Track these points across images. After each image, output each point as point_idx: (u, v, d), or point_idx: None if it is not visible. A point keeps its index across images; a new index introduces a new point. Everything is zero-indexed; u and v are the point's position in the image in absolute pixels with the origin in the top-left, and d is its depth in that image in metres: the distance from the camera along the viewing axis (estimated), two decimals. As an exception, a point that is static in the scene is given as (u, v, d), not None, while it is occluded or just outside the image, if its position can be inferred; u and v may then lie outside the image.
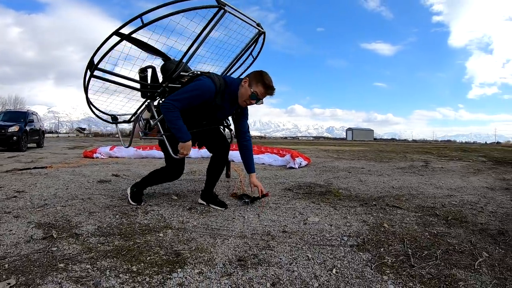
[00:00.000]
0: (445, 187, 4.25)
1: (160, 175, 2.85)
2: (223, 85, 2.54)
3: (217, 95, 2.48)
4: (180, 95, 2.41)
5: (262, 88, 2.50)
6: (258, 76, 2.49)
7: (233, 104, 2.66)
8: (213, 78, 2.50)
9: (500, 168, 7.62)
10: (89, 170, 5.21)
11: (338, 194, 3.51)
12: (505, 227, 2.46)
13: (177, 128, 2.39)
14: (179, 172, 2.77)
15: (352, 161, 8.21)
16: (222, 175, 3.01)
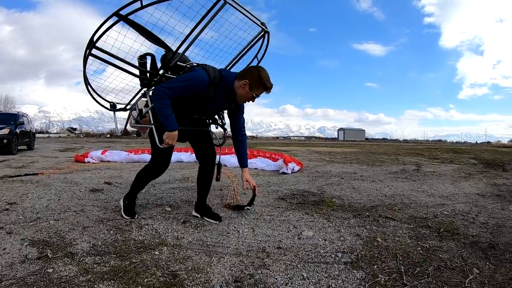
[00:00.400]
0: (437, 195, 4.30)
1: (146, 172, 2.83)
2: (218, 77, 2.51)
3: (211, 86, 2.46)
4: (173, 83, 2.39)
5: (263, 90, 2.54)
6: (259, 79, 2.47)
7: (227, 98, 2.64)
8: (207, 69, 2.48)
9: (491, 171, 7.73)
10: (81, 176, 5.17)
11: (331, 204, 3.54)
12: (495, 239, 2.51)
13: (165, 116, 2.36)
14: (163, 165, 2.74)
15: (344, 165, 8.25)
16: (214, 182, 3.02)
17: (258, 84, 2.48)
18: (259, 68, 2.54)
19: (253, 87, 2.49)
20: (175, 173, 5.51)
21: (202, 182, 2.90)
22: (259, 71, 2.49)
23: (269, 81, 2.51)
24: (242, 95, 2.54)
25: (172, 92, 2.35)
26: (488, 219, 3.10)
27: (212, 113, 2.78)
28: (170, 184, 4.54)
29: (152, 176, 2.86)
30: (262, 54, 3.34)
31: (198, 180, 2.92)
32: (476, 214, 3.30)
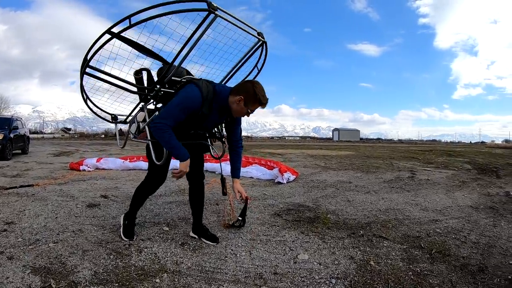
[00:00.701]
0: (431, 208, 4.38)
1: (143, 189, 2.84)
2: (211, 93, 2.49)
3: (204, 103, 2.45)
4: (168, 112, 2.39)
5: (258, 106, 2.52)
6: (253, 95, 2.44)
7: (222, 114, 2.64)
8: (200, 86, 2.45)
9: (485, 178, 7.86)
10: (76, 188, 5.19)
11: (326, 221, 3.60)
12: (485, 261, 2.58)
13: (174, 148, 2.40)
14: (160, 180, 2.77)
15: (339, 172, 8.33)
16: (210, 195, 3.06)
17: (253, 100, 2.46)
18: (254, 83, 2.51)
19: (248, 103, 2.47)
20: (170, 183, 5.54)
21: (194, 203, 2.95)
22: (254, 86, 2.46)
23: (264, 97, 2.48)
24: (236, 110, 2.53)
25: (171, 121, 2.37)
26: (480, 238, 3.17)
27: (208, 128, 2.80)
28: (166, 198, 4.57)
29: (149, 192, 2.88)
30: (262, 64, 3.33)
31: (190, 201, 2.97)
32: (468, 232, 3.37)
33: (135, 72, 2.78)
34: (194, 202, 2.94)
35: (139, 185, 2.89)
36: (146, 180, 2.81)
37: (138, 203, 2.94)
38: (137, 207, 2.96)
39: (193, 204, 2.95)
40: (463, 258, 2.64)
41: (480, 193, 5.71)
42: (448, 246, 2.93)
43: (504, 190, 6.04)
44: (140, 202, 2.94)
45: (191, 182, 2.92)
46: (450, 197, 5.30)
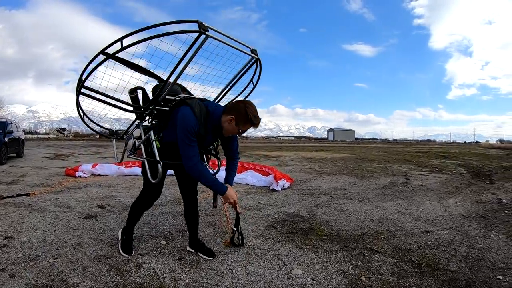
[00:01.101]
0: (423, 218, 4.48)
1: (139, 204, 2.91)
2: (205, 113, 2.54)
3: (200, 125, 2.50)
4: (184, 149, 2.44)
5: (249, 126, 2.54)
6: (245, 115, 2.46)
7: (216, 133, 2.68)
8: (193, 107, 2.49)
9: (478, 183, 7.99)
10: (73, 197, 5.23)
11: (320, 233, 3.68)
12: (473, 276, 2.67)
13: (210, 185, 2.56)
14: (155, 195, 2.85)
15: (334, 178, 8.43)
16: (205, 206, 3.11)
17: (245, 120, 2.49)
18: (246, 103, 2.54)
19: (239, 123, 2.50)
20: (166, 191, 5.60)
21: (189, 219, 3.02)
22: (246, 107, 2.49)
23: (256, 117, 2.51)
24: (228, 129, 2.57)
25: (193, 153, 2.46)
26: (469, 251, 3.25)
27: (204, 147, 2.83)
28: (162, 208, 4.63)
29: (145, 207, 2.95)
30: (257, 80, 3.38)
31: (185, 217, 3.04)
32: (459, 244, 3.45)
33: (130, 91, 2.82)
34: (189, 218, 3.01)
35: (135, 200, 2.96)
36: (141, 196, 2.88)
37: (135, 218, 3.00)
38: (134, 222, 3.03)
39: (188, 219, 3.02)
40: (452, 273, 2.73)
41: (472, 200, 5.82)
42: (438, 259, 3.02)
43: (497, 197, 6.18)
44: (136, 217, 3.01)
45: (185, 198, 3.00)
46: (443, 205, 5.41)
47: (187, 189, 2.96)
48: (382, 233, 3.78)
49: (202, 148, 2.84)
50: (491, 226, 4.15)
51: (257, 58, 3.01)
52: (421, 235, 3.73)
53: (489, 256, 3.13)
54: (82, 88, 2.62)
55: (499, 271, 2.79)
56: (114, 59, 2.54)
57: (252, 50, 2.91)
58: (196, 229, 3.05)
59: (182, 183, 2.98)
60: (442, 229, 4.01)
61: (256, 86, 3.46)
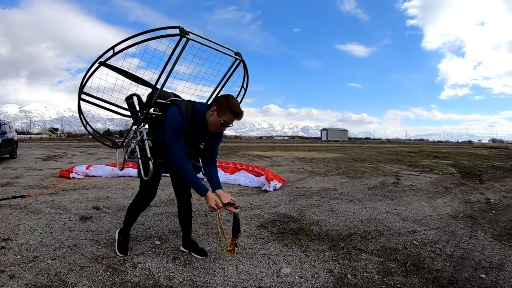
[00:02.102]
0: (411, 218, 4.62)
1: (135, 205, 3.01)
2: (191, 111, 2.64)
3: (186, 121, 2.58)
4: (171, 145, 2.54)
5: (231, 116, 2.58)
6: (226, 104, 2.56)
7: (203, 130, 2.75)
8: (180, 106, 2.60)
9: (468, 183, 8.17)
10: (68, 199, 5.31)
11: (310, 233, 3.81)
12: (456, 275, 2.80)
13: (192, 185, 2.60)
14: (150, 196, 2.93)
15: (325, 178, 8.56)
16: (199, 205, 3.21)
17: (226, 109, 2.55)
18: (229, 96, 2.66)
19: (220, 113, 2.56)
20: (160, 192, 5.69)
21: (182, 220, 3.14)
22: (228, 98, 2.61)
23: (237, 107, 2.57)
24: (211, 122, 2.63)
25: (180, 150, 2.55)
26: (454, 250, 3.39)
27: (195, 146, 2.87)
28: (156, 209, 4.73)
29: (141, 208, 3.05)
30: (246, 83, 3.48)
31: (179, 218, 3.16)
32: (444, 243, 3.58)
33: (126, 98, 2.96)
34: (182, 219, 3.13)
35: (131, 202, 3.06)
36: (137, 197, 2.99)
37: (131, 220, 3.11)
38: (131, 223, 3.13)
39: (182, 221, 3.14)
40: (436, 271, 2.86)
41: (461, 200, 5.98)
42: (423, 258, 3.16)
43: (485, 197, 6.35)
44: (133, 219, 3.11)
45: (179, 200, 3.11)
46: (431, 205, 5.56)
47: (181, 192, 3.07)
48: (370, 233, 3.91)
49: (193, 148, 2.86)
50: (477, 226, 4.29)
51: (241, 59, 3.09)
52: (408, 235, 3.86)
53: (473, 255, 3.26)
54: (83, 94, 2.75)
55: (483, 270, 2.92)
56: (107, 67, 2.71)
57: (235, 53, 3.03)
58: (189, 230, 3.17)
59: (176, 185, 3.08)
60: (429, 229, 4.14)
61: (247, 88, 3.57)
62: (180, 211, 3.12)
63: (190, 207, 3.15)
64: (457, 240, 3.71)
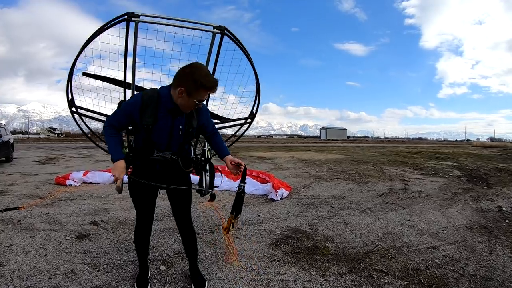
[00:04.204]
0: (427, 231, 4.39)
1: (135, 234, 2.63)
2: (156, 97, 2.23)
3: (146, 110, 2.20)
4: (113, 114, 2.35)
5: (204, 92, 2.17)
6: (193, 81, 2.10)
7: (175, 116, 2.28)
8: (143, 93, 2.27)
9: (476, 188, 7.98)
10: (64, 212, 5.00)
11: (326, 251, 3.54)
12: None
13: (109, 147, 2.32)
14: (145, 217, 2.53)
15: (332, 183, 8.31)
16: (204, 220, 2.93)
17: (195, 87, 2.11)
18: (192, 67, 2.16)
19: (191, 93, 2.14)
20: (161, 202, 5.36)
21: (186, 248, 2.74)
22: (192, 72, 2.12)
23: (207, 79, 2.13)
24: (183, 105, 2.22)
25: (112, 119, 2.33)
26: (477, 269, 3.17)
27: (166, 142, 2.36)
28: (158, 223, 4.41)
29: (141, 234, 2.62)
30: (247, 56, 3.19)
31: (182, 240, 2.75)
32: (466, 262, 3.37)
33: (119, 103, 2.82)
34: (186, 247, 2.74)
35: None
36: (136, 223, 2.63)
37: (140, 250, 2.68)
38: (141, 254, 2.70)
39: (185, 248, 2.75)
40: (462, 296, 2.62)
41: (473, 209, 5.77)
42: (447, 280, 2.93)
43: (496, 204, 6.15)
44: (139, 248, 2.68)
45: (177, 221, 2.67)
46: (444, 214, 5.34)
47: (180, 217, 2.64)
48: (389, 250, 3.66)
49: (167, 147, 2.37)
50: (494, 239, 4.10)
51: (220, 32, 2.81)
52: (428, 252, 3.64)
53: (496, 275, 3.06)
54: (74, 107, 2.53)
55: (508, 291, 2.71)
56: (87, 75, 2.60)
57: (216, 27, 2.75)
58: (194, 254, 2.76)
59: (174, 208, 2.64)
60: (448, 243, 3.93)
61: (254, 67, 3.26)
62: (182, 239, 2.73)
63: (191, 228, 2.69)
64: (477, 257, 3.51)
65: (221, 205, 5.49)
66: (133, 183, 2.44)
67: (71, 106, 3.33)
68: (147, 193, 2.48)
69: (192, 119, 2.37)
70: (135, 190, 2.46)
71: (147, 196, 2.49)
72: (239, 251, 3.45)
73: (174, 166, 2.41)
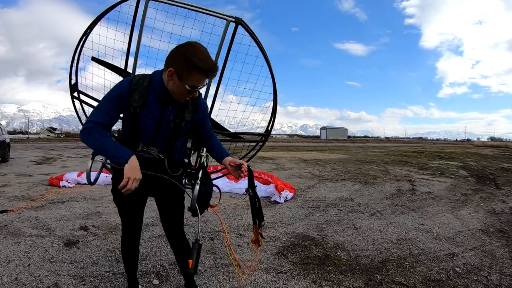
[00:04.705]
0: (443, 236, 4.11)
1: (122, 247, 2.26)
2: (148, 82, 1.85)
3: (134, 92, 1.82)
4: (95, 108, 1.86)
5: (199, 75, 1.74)
6: (185, 60, 1.69)
7: (168, 102, 1.88)
8: (133, 77, 1.89)
9: (485, 189, 7.75)
10: (54, 215, 4.68)
11: (338, 261, 3.21)
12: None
13: (108, 149, 1.76)
14: (131, 229, 2.15)
15: (337, 184, 7.99)
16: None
17: (188, 68, 1.69)
18: (186, 46, 1.75)
19: (182, 75, 1.72)
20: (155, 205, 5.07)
21: (178, 261, 2.32)
22: (186, 49, 1.72)
23: (205, 60, 1.71)
24: (174, 91, 1.81)
25: (98, 115, 1.80)
26: (501, 279, 2.93)
27: (155, 137, 1.94)
28: (153, 229, 4.08)
29: (128, 247, 2.24)
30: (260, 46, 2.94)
31: (174, 254, 2.33)
32: (488, 270, 3.12)
33: None
34: (179, 263, 2.32)
35: None
36: (122, 233, 2.24)
37: (127, 264, 2.33)
38: (129, 268, 2.34)
39: (178, 264, 2.35)
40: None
41: (485, 211, 5.54)
42: (472, 292, 2.64)
43: (508, 206, 5.95)
44: (127, 263, 2.32)
45: (169, 241, 2.26)
46: (457, 217, 5.08)
47: (170, 229, 2.21)
48: (405, 258, 3.35)
49: (152, 141, 1.95)
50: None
51: (238, 21, 2.55)
52: (447, 260, 3.35)
53: None
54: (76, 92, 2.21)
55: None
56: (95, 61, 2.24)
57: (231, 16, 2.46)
58: (191, 278, 2.36)
59: (163, 217, 2.21)
60: (466, 250, 3.66)
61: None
62: (172, 247, 2.27)
63: (184, 241, 2.23)
64: (499, 264, 3.26)
65: (221, 209, 5.15)
66: (117, 187, 1.97)
67: (74, 90, 2.99)
68: (134, 198, 2.05)
69: (186, 110, 1.95)
70: (119, 194, 1.99)
71: (133, 202, 2.09)
72: (241, 262, 3.12)
73: (162, 168, 1.97)
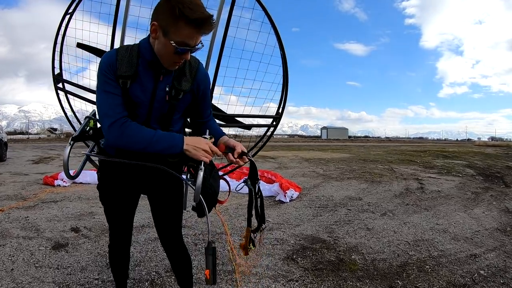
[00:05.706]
0: (461, 236, 3.88)
1: (109, 252, 1.92)
2: (136, 53, 1.50)
3: (122, 63, 1.47)
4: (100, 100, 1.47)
5: (188, 28, 1.33)
6: (170, 9, 1.31)
7: (159, 71, 1.51)
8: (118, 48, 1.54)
9: (494, 187, 7.52)
10: (44, 215, 4.39)
11: (353, 266, 2.90)
12: None
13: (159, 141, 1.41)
14: (119, 234, 1.81)
15: (342, 183, 7.69)
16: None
17: (173, 18, 1.31)
18: None
19: (167, 29, 1.35)
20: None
21: (174, 270, 1.94)
22: None
23: (192, 8, 1.30)
24: (160, 53, 1.44)
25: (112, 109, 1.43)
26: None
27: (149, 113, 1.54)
28: (149, 230, 3.77)
29: (116, 254, 1.90)
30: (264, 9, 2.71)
31: (170, 263, 1.95)
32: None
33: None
34: (176, 274, 1.94)
35: None
36: (109, 239, 1.89)
37: (116, 273, 1.97)
38: (117, 278, 1.99)
39: (175, 274, 1.95)
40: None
41: (499, 209, 5.33)
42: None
43: (521, 204, 5.73)
44: (117, 272, 1.96)
45: (165, 248, 1.87)
46: (471, 216, 4.86)
47: (165, 235, 1.82)
48: (426, 261, 3.07)
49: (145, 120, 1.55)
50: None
51: None
52: (470, 262, 3.11)
53: None
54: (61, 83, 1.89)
55: None
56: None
57: None
58: (189, 282, 1.94)
59: (157, 221, 1.82)
60: (487, 250, 3.42)
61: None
62: (167, 255, 1.91)
63: (182, 249, 1.86)
64: None
65: (223, 208, 4.83)
66: (103, 183, 1.72)
67: (58, 81, 2.74)
68: (123, 198, 1.73)
69: (184, 79, 1.56)
70: (107, 192, 1.72)
71: (124, 201, 1.75)
72: (247, 268, 2.81)
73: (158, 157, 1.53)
